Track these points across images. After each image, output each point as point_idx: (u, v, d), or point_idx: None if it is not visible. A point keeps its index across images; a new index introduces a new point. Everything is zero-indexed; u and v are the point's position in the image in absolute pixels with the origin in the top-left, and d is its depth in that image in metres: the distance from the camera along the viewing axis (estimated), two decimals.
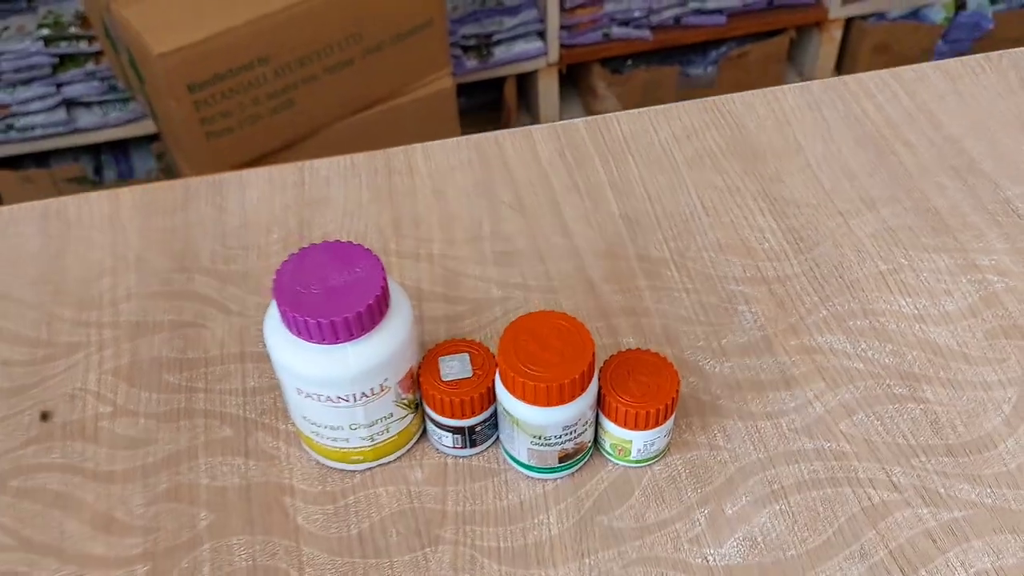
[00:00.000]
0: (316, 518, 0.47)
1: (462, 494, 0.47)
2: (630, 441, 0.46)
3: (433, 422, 0.47)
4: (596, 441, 0.48)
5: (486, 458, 0.49)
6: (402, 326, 0.44)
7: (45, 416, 0.51)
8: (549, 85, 1.72)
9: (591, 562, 0.45)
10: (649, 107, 0.67)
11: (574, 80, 1.81)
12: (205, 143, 1.29)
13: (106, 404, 0.51)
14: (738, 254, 0.58)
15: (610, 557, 0.45)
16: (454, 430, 0.47)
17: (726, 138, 0.65)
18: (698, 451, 0.49)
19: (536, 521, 0.46)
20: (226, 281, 0.57)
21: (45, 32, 1.47)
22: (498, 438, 0.49)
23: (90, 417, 0.51)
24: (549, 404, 0.43)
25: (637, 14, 1.67)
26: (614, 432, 0.46)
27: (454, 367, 0.47)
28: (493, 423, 0.48)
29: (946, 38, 1.82)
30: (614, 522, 0.46)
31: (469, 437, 0.47)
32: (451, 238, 0.59)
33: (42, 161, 1.61)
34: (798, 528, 0.46)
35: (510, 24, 1.63)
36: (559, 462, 0.47)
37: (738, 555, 0.45)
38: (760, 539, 0.46)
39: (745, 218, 0.60)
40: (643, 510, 0.47)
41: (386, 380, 0.44)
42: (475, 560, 0.45)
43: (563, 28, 1.65)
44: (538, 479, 0.48)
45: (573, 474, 0.48)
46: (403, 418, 0.47)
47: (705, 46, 1.79)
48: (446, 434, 0.47)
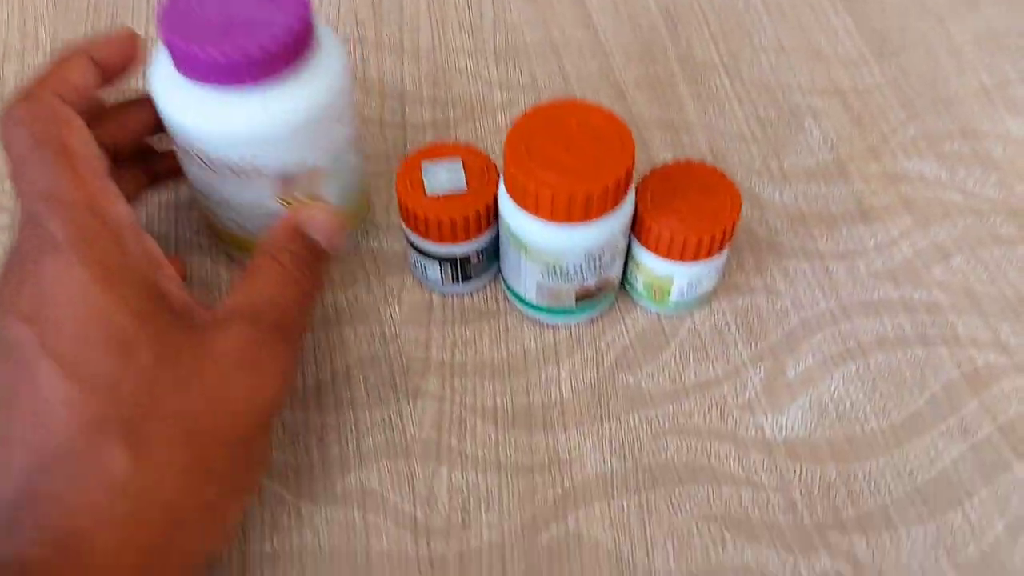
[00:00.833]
0: None
1: (450, 339, 0.37)
2: (671, 278, 0.36)
3: (415, 248, 0.37)
4: (625, 279, 0.38)
5: (482, 296, 0.39)
6: (315, 88, 0.33)
7: None
8: None
9: (612, 428, 0.35)
10: None
11: None
12: None
13: None
14: (805, 58, 0.48)
15: (636, 423, 0.35)
16: (441, 259, 0.36)
17: None
18: (751, 296, 0.39)
19: (544, 376, 0.37)
20: None
21: None
22: (499, 271, 0.38)
23: None
24: (570, 220, 0.32)
25: None
26: (650, 266, 0.36)
27: (442, 177, 0.36)
28: (493, 252, 0.37)
29: None
30: (643, 381, 0.36)
31: (461, 269, 0.37)
32: (443, 26, 0.50)
33: None
34: (879, 396, 0.36)
35: None
36: (576, 302, 0.36)
37: (802, 426, 0.35)
38: (832, 408, 0.36)
39: (815, 14, 0.51)
40: (680, 368, 0.37)
41: (256, 158, 0.33)
42: (464, 421, 0.35)
43: None
44: (548, 324, 0.38)
45: (593, 319, 0.38)
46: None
47: None
48: (431, 264, 0.37)
